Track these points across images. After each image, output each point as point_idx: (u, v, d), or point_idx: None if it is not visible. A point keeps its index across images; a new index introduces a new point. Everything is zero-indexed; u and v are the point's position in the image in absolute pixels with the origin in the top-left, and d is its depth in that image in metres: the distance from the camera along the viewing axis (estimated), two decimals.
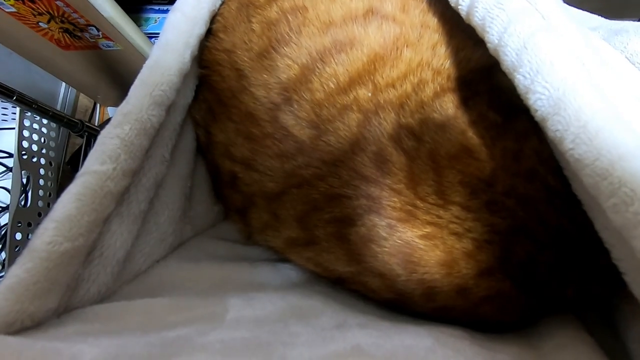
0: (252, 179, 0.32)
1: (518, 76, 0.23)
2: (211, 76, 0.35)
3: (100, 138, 0.27)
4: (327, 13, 0.31)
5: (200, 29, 0.33)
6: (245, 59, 0.32)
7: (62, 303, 0.24)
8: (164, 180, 0.33)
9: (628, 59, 0.32)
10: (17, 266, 0.22)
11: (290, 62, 0.30)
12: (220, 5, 0.36)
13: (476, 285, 0.27)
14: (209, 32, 0.35)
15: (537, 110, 0.22)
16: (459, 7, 0.29)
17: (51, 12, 0.50)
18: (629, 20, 0.36)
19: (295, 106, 0.29)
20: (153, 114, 0.29)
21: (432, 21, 0.31)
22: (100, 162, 0.25)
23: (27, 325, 0.22)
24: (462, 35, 0.31)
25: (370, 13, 0.31)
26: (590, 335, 0.27)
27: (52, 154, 0.62)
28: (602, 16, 0.38)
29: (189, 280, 0.31)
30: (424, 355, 0.23)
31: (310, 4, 0.31)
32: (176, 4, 0.33)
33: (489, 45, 0.26)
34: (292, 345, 0.23)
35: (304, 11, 0.31)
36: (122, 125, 0.27)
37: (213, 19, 0.35)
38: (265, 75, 0.31)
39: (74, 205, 0.24)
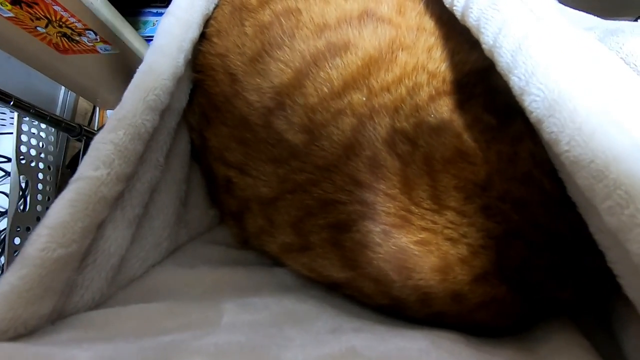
0: (247, 184, 0.32)
1: (513, 77, 0.23)
2: (205, 80, 0.35)
3: (94, 143, 0.27)
4: (321, 16, 0.30)
5: (193, 33, 0.33)
6: (239, 63, 0.32)
7: (56, 309, 0.24)
8: (159, 185, 0.33)
9: (623, 60, 0.32)
10: (10, 273, 0.22)
11: (283, 66, 0.30)
12: (214, 9, 0.36)
13: (471, 291, 0.27)
14: (203, 36, 0.35)
15: (532, 112, 0.22)
16: (454, 7, 0.28)
17: (49, 16, 0.50)
18: (625, 20, 0.36)
19: (289, 111, 0.29)
20: (147, 119, 0.29)
21: (429, 24, 0.31)
22: (94, 167, 0.25)
23: (20, 332, 0.22)
24: (458, 39, 0.31)
25: (365, 15, 0.30)
26: (586, 339, 0.27)
27: (50, 158, 0.62)
28: (597, 16, 0.38)
29: (184, 285, 0.31)
30: (418, 357, 0.23)
31: (304, 6, 0.31)
32: (169, 8, 0.33)
33: (484, 46, 0.26)
34: (286, 348, 0.23)
35: (297, 14, 0.31)
36: (115, 131, 0.27)
37: (207, 23, 0.35)
38: (258, 80, 0.30)
39: (67, 211, 0.24)
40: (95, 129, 0.70)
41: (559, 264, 0.27)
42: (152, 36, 0.71)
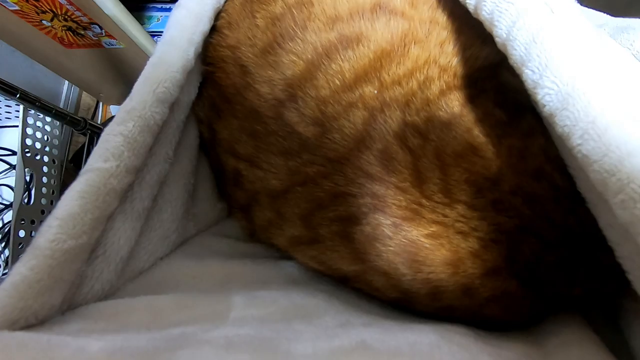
0: (256, 177, 0.32)
1: (526, 71, 0.23)
2: (215, 73, 0.35)
3: (104, 135, 0.27)
4: (334, 7, 0.30)
5: (204, 25, 0.33)
6: (250, 55, 0.32)
7: (66, 300, 0.24)
8: (168, 178, 0.33)
9: (635, 57, 0.32)
10: (21, 264, 0.22)
11: (295, 58, 0.30)
12: (225, 1, 0.36)
13: (482, 285, 0.27)
14: (213, 29, 0.35)
15: (545, 106, 0.22)
16: (467, 1, 0.28)
17: (54, 10, 0.50)
18: (635, 17, 0.36)
19: (300, 103, 0.29)
20: (156, 111, 0.29)
21: (442, 17, 0.31)
22: (104, 159, 0.25)
23: (31, 322, 0.22)
24: (470, 33, 0.30)
25: (378, 7, 0.30)
26: (595, 333, 0.27)
27: (55, 151, 0.62)
28: (607, 13, 0.38)
29: (192, 278, 0.31)
30: (429, 351, 0.23)
31: None
32: (180, 0, 0.33)
33: (497, 39, 0.26)
34: (296, 341, 0.23)
35: (309, 5, 0.30)
36: (125, 123, 0.27)
37: (217, 16, 0.35)
38: (269, 72, 0.30)
39: (77, 202, 0.24)
40: (99, 123, 0.70)
41: (570, 260, 0.27)
42: (157, 31, 0.71)
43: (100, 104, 0.80)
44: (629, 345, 0.26)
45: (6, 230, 0.62)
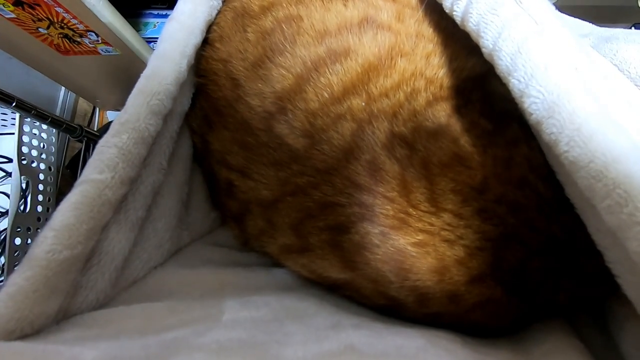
0: (248, 187, 0.33)
1: (513, 80, 0.24)
2: (207, 85, 0.35)
3: (99, 147, 0.27)
4: (322, 22, 0.31)
5: (196, 38, 0.34)
6: (241, 68, 0.32)
7: (61, 310, 0.25)
8: (162, 188, 0.33)
9: (617, 66, 0.32)
10: (17, 274, 0.22)
11: (284, 72, 0.30)
12: (217, 14, 0.36)
13: (468, 292, 0.27)
14: (206, 42, 0.35)
15: (531, 114, 0.23)
16: (454, 13, 0.29)
17: (50, 18, 0.50)
18: (619, 27, 0.37)
19: (290, 115, 0.30)
20: (150, 123, 0.29)
21: (427, 31, 0.32)
22: (99, 171, 0.26)
23: (26, 332, 0.22)
24: (456, 45, 0.31)
25: (365, 22, 0.31)
26: (581, 338, 0.27)
27: (51, 158, 0.62)
28: (593, 23, 0.39)
29: (186, 286, 0.32)
30: (415, 354, 0.24)
31: (305, 13, 0.31)
32: (173, 13, 0.34)
33: (483, 50, 0.27)
34: (286, 345, 0.23)
35: (298, 20, 0.31)
36: (119, 135, 0.27)
37: (209, 29, 0.36)
38: (260, 85, 0.31)
39: (72, 213, 0.24)
40: (95, 129, 0.70)
41: (554, 267, 0.27)
42: (153, 38, 0.72)
43: (97, 109, 0.80)
44: (620, 348, 0.26)
45: (2, 237, 0.62)
